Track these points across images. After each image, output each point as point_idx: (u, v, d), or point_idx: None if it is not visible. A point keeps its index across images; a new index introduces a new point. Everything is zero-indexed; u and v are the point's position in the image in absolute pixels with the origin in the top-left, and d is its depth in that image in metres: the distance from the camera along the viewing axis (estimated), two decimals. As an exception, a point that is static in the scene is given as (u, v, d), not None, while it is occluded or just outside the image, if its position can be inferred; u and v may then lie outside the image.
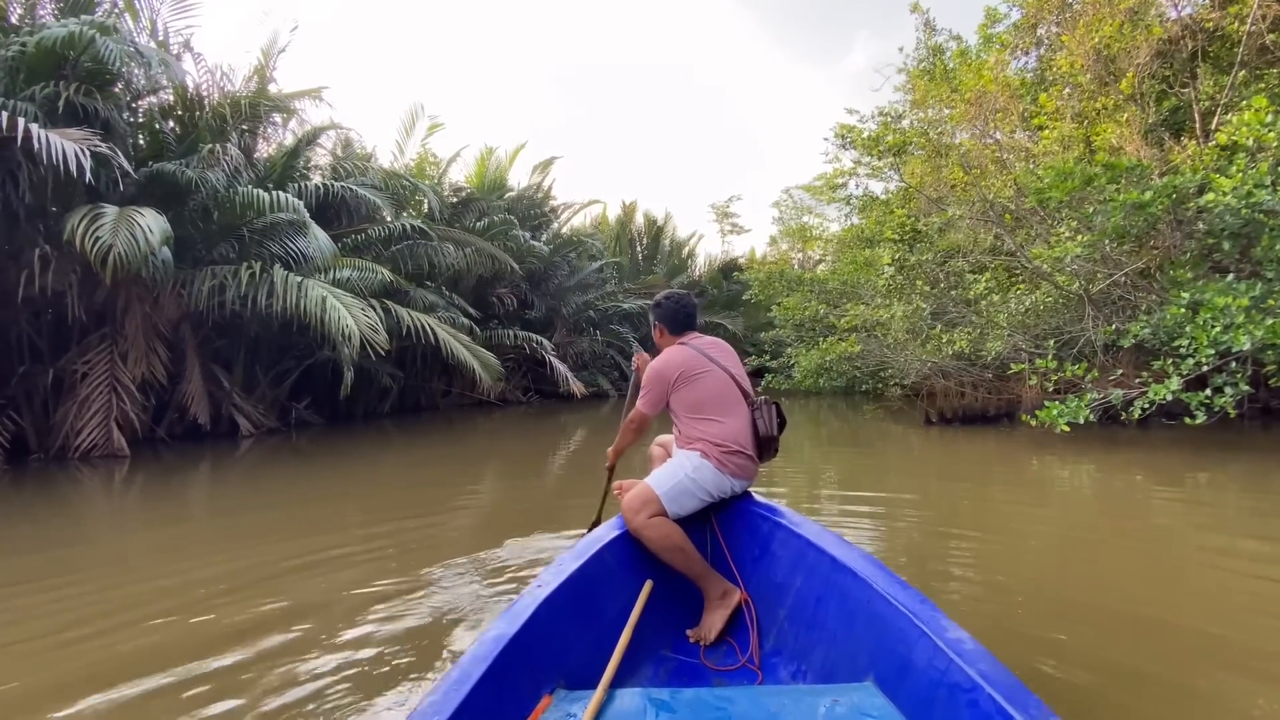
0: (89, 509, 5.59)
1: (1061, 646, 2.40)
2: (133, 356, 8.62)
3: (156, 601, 3.09)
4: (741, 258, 26.06)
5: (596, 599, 1.98)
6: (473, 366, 9.47)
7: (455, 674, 1.36)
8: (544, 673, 1.63)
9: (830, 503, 5.06)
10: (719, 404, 2.43)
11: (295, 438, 10.44)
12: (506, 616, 1.63)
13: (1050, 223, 7.19)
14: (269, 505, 5.54)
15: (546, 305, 16.31)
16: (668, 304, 2.64)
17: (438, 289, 11.87)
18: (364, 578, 3.32)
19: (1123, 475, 5.79)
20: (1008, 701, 1.20)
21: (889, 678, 1.55)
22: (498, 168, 16.02)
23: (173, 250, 9.10)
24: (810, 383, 11.56)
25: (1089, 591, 3.05)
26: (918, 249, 7.47)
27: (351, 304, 7.69)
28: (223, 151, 7.68)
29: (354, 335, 7.29)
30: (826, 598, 1.92)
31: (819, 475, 6.46)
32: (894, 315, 7.78)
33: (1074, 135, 7.69)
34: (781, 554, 2.21)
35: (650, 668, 2.00)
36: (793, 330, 14.94)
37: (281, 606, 2.96)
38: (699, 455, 2.36)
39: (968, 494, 5.35)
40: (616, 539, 2.22)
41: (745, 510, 2.46)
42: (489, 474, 7.23)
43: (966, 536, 4.00)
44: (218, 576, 3.45)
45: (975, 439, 7.82)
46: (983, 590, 3.08)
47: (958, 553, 3.68)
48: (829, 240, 14.81)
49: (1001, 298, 7.05)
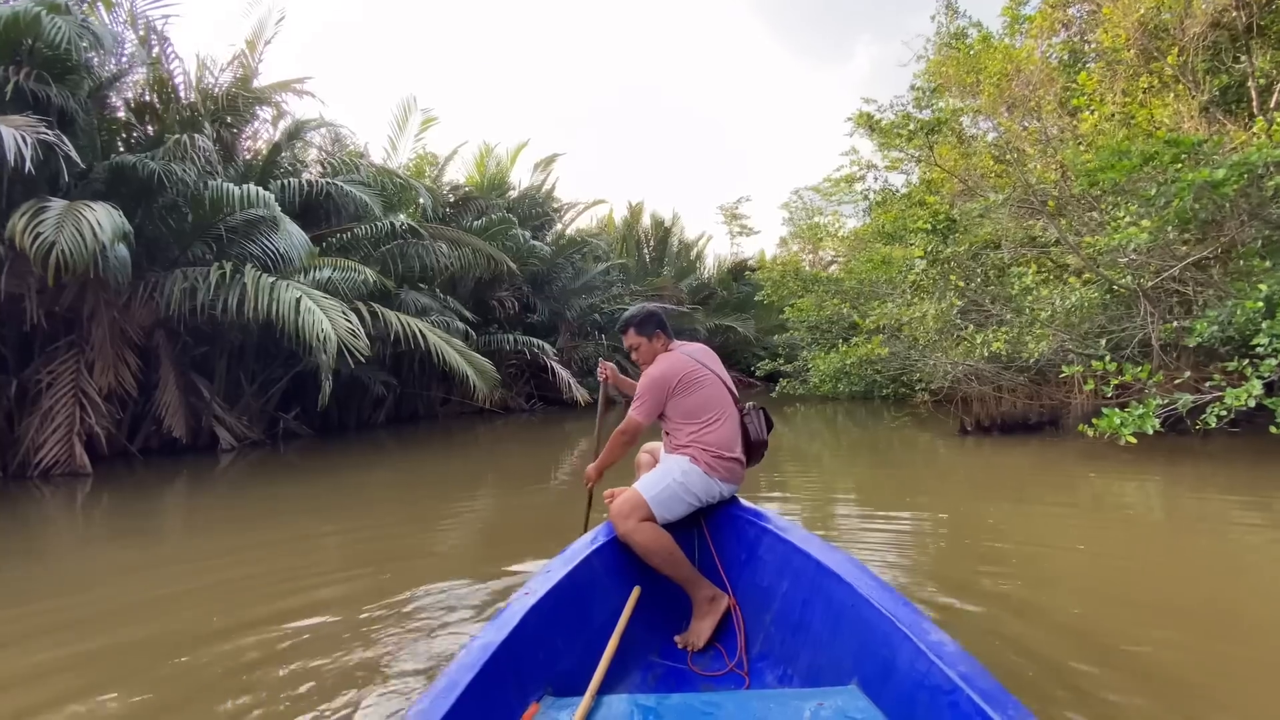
0: (37, 533, 4.99)
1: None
2: (99, 366, 8.01)
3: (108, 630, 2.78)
4: (751, 259, 25.31)
5: (584, 605, 1.98)
6: (465, 373, 8.81)
7: (442, 682, 1.35)
8: (532, 680, 1.62)
9: (853, 522, 4.34)
10: (714, 409, 2.44)
11: (283, 450, 9.89)
12: (494, 624, 1.62)
13: (1105, 206, 6.43)
14: (235, 525, 4.97)
15: (549, 309, 15.63)
16: (661, 313, 2.70)
17: (431, 291, 11.23)
18: (337, 599, 3.08)
19: (1194, 493, 5.04)
20: (986, 702, 1.21)
21: (872, 680, 1.56)
22: (498, 166, 15.41)
23: (143, 251, 8.55)
24: (828, 388, 10.81)
25: (1170, 633, 2.44)
26: (952, 240, 6.73)
27: (330, 307, 7.05)
28: (191, 144, 7.06)
29: (330, 340, 6.65)
30: (812, 602, 1.91)
31: (840, 490, 5.74)
32: (925, 314, 7.05)
33: (1128, 111, 6.93)
34: (768, 558, 2.21)
35: (638, 674, 2.00)
36: (807, 332, 14.18)
37: (244, 628, 2.75)
38: (688, 460, 2.37)
39: (1014, 514, 4.59)
40: (605, 545, 2.21)
41: (733, 515, 2.46)
42: (486, 488, 6.66)
43: (1014, 565, 3.33)
44: (172, 596, 3.21)
45: (1016, 449, 7.05)
46: (1041, 636, 2.42)
47: (1007, 585, 3.01)
48: (843, 239, 14.03)
49: (1047, 293, 6.29)
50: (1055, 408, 7.61)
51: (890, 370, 10.44)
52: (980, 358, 7.22)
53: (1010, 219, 6.81)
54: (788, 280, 13.39)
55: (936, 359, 7.97)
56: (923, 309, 7.18)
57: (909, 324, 7.50)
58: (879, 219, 11.91)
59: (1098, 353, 6.50)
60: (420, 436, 11.55)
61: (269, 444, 10.08)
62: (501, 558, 3.60)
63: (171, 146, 7.07)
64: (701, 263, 24.36)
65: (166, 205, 7.77)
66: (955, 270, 6.85)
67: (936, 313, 7.07)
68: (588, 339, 16.76)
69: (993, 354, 7.06)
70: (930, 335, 7.56)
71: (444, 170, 14.11)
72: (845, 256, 15.73)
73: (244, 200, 6.98)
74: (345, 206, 10.40)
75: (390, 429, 12.41)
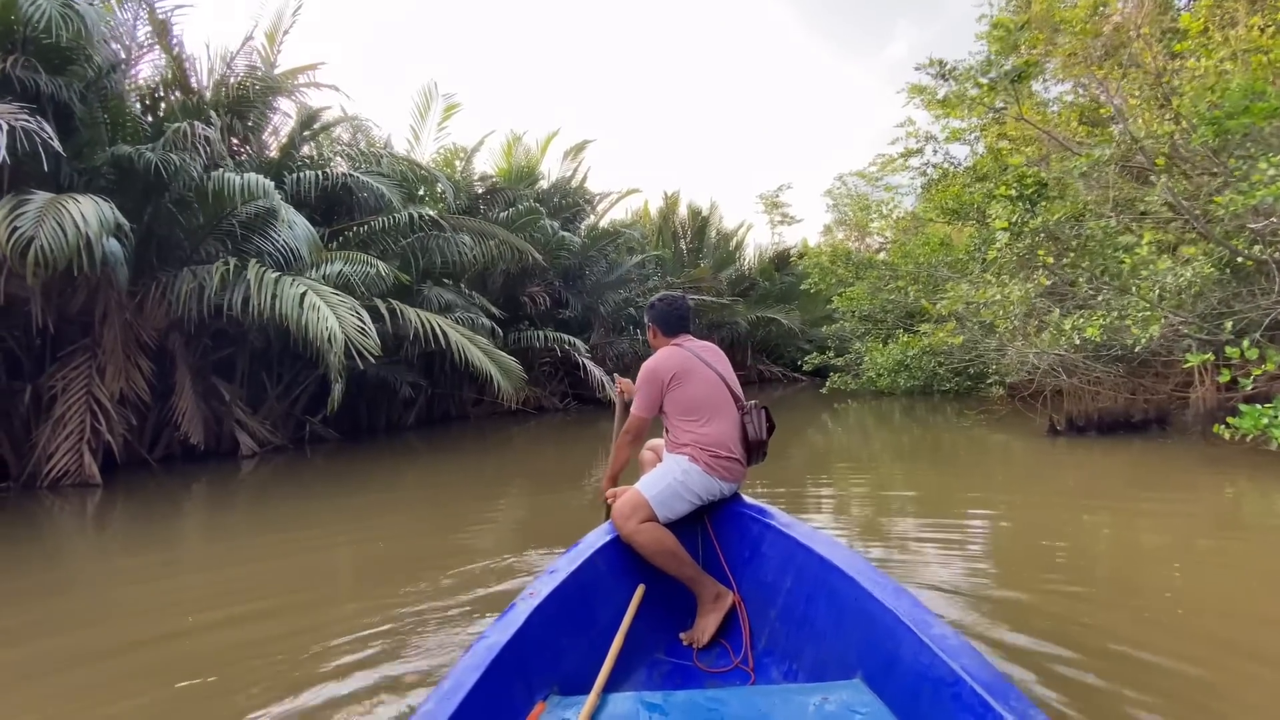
0: (35, 549, 4.62)
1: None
2: (110, 371, 7.67)
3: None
4: (794, 248, 24.15)
5: (589, 605, 1.98)
6: (488, 372, 8.19)
7: (448, 682, 1.36)
8: (538, 679, 1.62)
9: (927, 552, 3.46)
10: (709, 407, 2.41)
11: (309, 454, 9.58)
12: (499, 624, 1.62)
13: (1232, 161, 5.34)
14: (239, 545, 4.56)
15: (582, 304, 14.95)
16: (661, 305, 2.63)
17: (456, 287, 10.66)
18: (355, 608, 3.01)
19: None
20: (989, 694, 1.21)
21: (876, 674, 1.55)
22: (527, 156, 14.79)
23: (155, 250, 8.21)
24: (885, 382, 9.81)
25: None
26: (1040, 209, 5.69)
27: (339, 303, 6.50)
28: (192, 133, 6.59)
29: (338, 338, 6.09)
30: (816, 597, 1.91)
31: (904, 499, 4.85)
32: (1009, 296, 6.04)
33: (1258, 44, 5.79)
34: (771, 555, 2.20)
35: (644, 672, 2.01)
36: (859, 323, 13.14)
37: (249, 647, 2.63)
38: (687, 459, 2.36)
39: (1133, 531, 3.66)
40: (608, 544, 2.21)
41: (736, 512, 2.45)
42: (515, 490, 6.33)
43: (1145, 595, 2.58)
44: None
45: (1119, 452, 6.01)
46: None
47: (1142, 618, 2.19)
48: (897, 220, 12.88)
49: (1163, 266, 5.24)
50: (1162, 404, 6.51)
51: (955, 362, 9.39)
52: (1069, 345, 6.19)
53: (1117, 180, 5.74)
54: (837, 266, 12.34)
55: (1016, 348, 6.94)
56: (1002, 290, 6.16)
57: (988, 308, 6.48)
58: (939, 196, 10.82)
59: (1219, 337, 5.41)
60: (452, 438, 11.25)
61: (291, 449, 9.70)
62: (533, 564, 3.45)
63: (171, 136, 6.61)
64: (741, 253, 23.35)
65: (175, 201, 7.36)
66: (1044, 244, 5.82)
67: (1023, 294, 6.06)
68: (622, 334, 16.05)
69: (1084, 341, 6.02)
70: (1012, 321, 6.54)
71: (470, 161, 13.55)
72: (897, 240, 14.60)
73: (244, 191, 6.47)
74: (366, 200, 9.92)
75: (421, 431, 12.03)
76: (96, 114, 6.81)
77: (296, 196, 9.20)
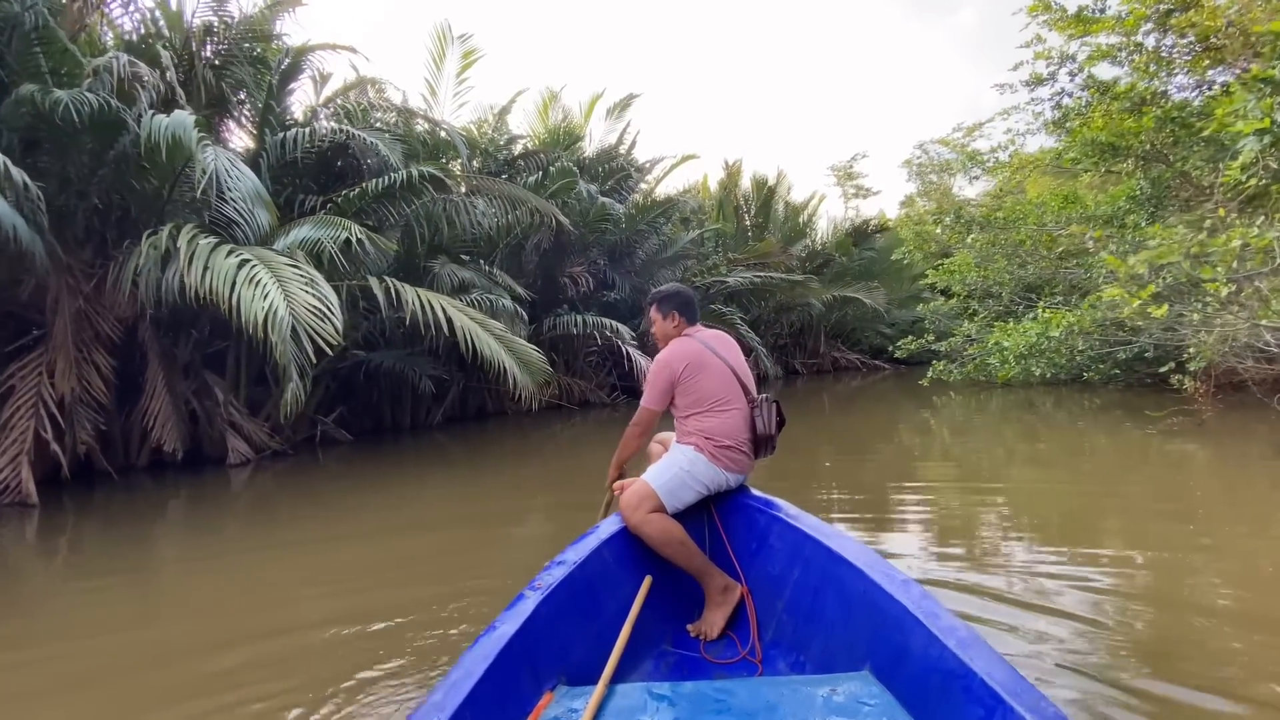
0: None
1: None
2: (60, 368, 6.47)
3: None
4: (873, 220, 21.46)
5: (596, 596, 1.98)
6: (500, 363, 6.53)
7: (457, 673, 1.36)
8: (545, 669, 1.63)
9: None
10: (719, 398, 2.39)
11: (322, 458, 8.33)
12: (507, 615, 1.62)
13: None
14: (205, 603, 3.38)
15: (630, 285, 13.14)
16: (685, 292, 2.61)
17: (475, 263, 9.07)
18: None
19: None
20: (1000, 686, 1.19)
21: (885, 666, 1.55)
22: (566, 117, 13.06)
23: (112, 224, 6.95)
24: (1014, 371, 7.55)
25: None
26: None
27: (292, 277, 4.96)
28: (131, 74, 5.16)
29: (283, 323, 4.55)
30: (824, 589, 1.90)
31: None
32: (1252, 240, 3.80)
33: None
34: (779, 546, 2.19)
35: (651, 663, 2.02)
36: (964, 300, 10.76)
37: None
38: (693, 449, 2.35)
39: None
40: (615, 535, 2.21)
41: (743, 504, 2.43)
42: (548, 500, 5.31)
43: None
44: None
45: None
46: None
47: None
48: (1022, 163, 10.35)
49: None
50: None
51: (1111, 345, 7.02)
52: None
53: None
54: (942, 228, 9.93)
55: (1227, 322, 4.66)
56: (1245, 234, 3.89)
57: (1208, 263, 4.22)
58: (1078, 134, 8.36)
59: None
60: (488, 437, 9.99)
61: (293, 454, 8.39)
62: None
63: (89, 73, 5.21)
64: (813, 226, 20.89)
65: (118, 159, 6.02)
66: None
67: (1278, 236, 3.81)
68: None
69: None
70: (1244, 283, 4.27)
71: (504, 121, 11.92)
72: (1007, 195, 12.02)
73: (172, 138, 4.98)
74: (372, 167, 8.44)
75: (451, 429, 10.63)
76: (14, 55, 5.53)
77: (282, 159, 7.81)
